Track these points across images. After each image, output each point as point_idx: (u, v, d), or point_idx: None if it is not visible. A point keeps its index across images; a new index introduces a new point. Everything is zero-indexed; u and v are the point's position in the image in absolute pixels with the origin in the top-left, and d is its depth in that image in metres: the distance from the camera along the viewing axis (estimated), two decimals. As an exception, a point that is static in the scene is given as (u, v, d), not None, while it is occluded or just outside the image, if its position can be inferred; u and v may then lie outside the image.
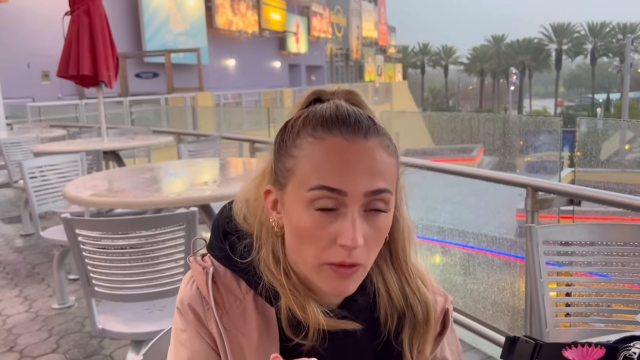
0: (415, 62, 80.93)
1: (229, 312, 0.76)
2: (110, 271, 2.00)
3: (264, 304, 0.76)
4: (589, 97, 74.61)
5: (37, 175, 3.51)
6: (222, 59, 24.58)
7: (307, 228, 0.70)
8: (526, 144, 6.88)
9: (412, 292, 0.80)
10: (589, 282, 1.61)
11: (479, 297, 3.21)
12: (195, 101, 14.17)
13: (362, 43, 45.61)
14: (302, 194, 0.69)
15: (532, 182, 2.37)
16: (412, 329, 0.80)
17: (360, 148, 0.69)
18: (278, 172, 0.73)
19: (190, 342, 0.77)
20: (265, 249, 0.75)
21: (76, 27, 4.61)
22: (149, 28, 18.75)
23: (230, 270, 0.78)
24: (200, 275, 0.77)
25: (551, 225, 1.56)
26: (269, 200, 0.75)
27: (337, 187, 0.68)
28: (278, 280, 0.74)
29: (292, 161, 0.71)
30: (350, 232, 0.68)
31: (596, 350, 0.70)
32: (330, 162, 0.68)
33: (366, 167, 0.69)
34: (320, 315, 0.73)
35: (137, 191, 2.82)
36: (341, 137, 0.69)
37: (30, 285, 3.95)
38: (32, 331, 3.19)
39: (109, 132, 5.87)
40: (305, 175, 0.69)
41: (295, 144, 0.71)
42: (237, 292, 0.77)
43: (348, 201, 0.68)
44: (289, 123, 0.74)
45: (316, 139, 0.70)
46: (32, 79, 14.45)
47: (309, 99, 0.76)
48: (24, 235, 5.23)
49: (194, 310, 0.76)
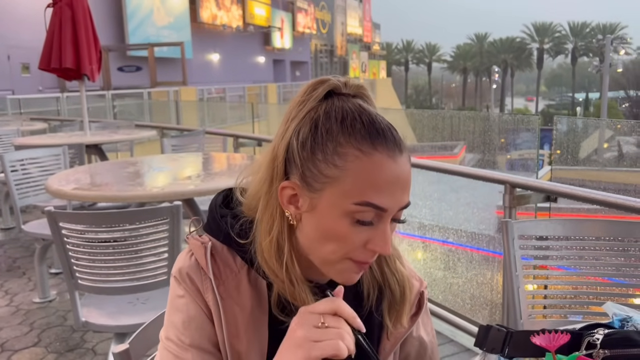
0: (399, 59, 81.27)
1: (225, 283, 0.80)
2: (94, 264, 2.01)
3: (257, 277, 0.81)
4: (569, 96, 75.63)
5: (19, 168, 3.48)
6: (206, 53, 24.42)
7: (342, 234, 0.74)
8: (507, 142, 6.98)
9: (390, 272, 0.86)
10: (563, 276, 1.67)
11: (458, 291, 3.27)
12: (178, 95, 14.08)
13: (346, 39, 45.63)
14: (345, 205, 0.72)
15: (510, 179, 2.43)
16: (389, 304, 0.87)
17: (400, 165, 0.74)
18: (309, 174, 0.74)
19: (187, 307, 0.80)
20: (268, 240, 0.77)
21: (58, 19, 4.57)
22: (132, 21, 18.55)
23: (227, 246, 0.82)
24: (199, 248, 0.81)
25: (527, 220, 1.62)
26: (285, 194, 0.76)
27: (383, 206, 0.72)
28: (274, 273, 0.77)
29: (335, 171, 0.72)
30: (383, 242, 0.74)
31: (562, 336, 0.75)
32: (378, 181, 0.72)
33: (403, 183, 0.74)
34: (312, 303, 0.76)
35: (120, 185, 2.82)
36: (385, 153, 0.73)
37: (10, 280, 3.92)
38: (12, 325, 3.17)
39: (91, 126, 5.82)
40: (352, 189, 0.72)
41: (338, 153, 0.73)
42: (233, 266, 0.81)
43: (385, 215, 0.74)
44: (320, 123, 0.75)
45: (363, 154, 0.72)
46: (12, 71, 14.21)
47: (324, 91, 0.77)
48: (4, 229, 5.17)
49: (191, 279, 0.80)
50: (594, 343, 0.79)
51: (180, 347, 0.79)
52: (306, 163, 0.74)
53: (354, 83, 0.79)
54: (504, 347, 0.91)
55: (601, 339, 0.79)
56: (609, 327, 0.85)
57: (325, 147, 0.73)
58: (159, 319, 1.02)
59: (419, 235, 3.63)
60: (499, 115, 16.03)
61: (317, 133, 0.74)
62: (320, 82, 0.78)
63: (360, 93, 0.79)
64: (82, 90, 4.86)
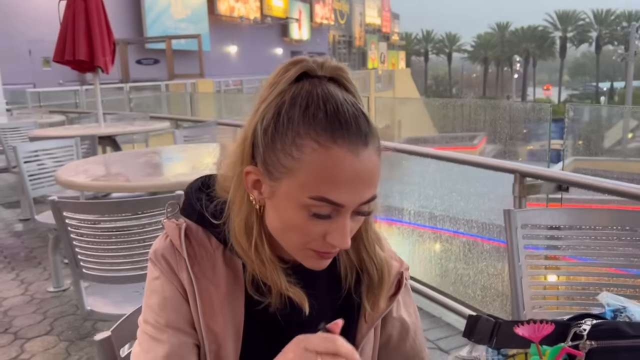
0: (419, 50, 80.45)
1: (200, 263, 0.79)
2: (98, 253, 2.02)
3: (232, 257, 0.80)
4: (593, 85, 74.20)
5: (32, 160, 3.53)
6: (224, 45, 24.49)
7: (298, 225, 0.73)
8: (529, 132, 6.87)
9: (368, 257, 0.85)
10: (568, 266, 1.63)
11: (469, 282, 3.23)
12: (195, 88, 14.15)
13: (365, 30, 45.34)
14: (300, 198, 0.71)
15: (520, 168, 2.38)
16: (367, 288, 0.86)
17: (362, 160, 0.70)
18: (269, 162, 0.72)
19: (162, 288, 0.80)
20: (238, 220, 0.77)
21: (72, 12, 4.61)
22: (150, 14, 18.68)
23: (202, 227, 0.82)
24: (174, 230, 0.81)
25: (530, 209, 1.58)
26: (250, 178, 0.75)
27: (339, 202, 0.70)
28: (245, 251, 0.77)
29: (292, 162, 0.70)
30: (341, 236, 0.73)
31: (546, 327, 0.72)
32: (335, 176, 0.69)
33: (365, 178, 0.71)
34: (283, 284, 0.77)
35: (128, 175, 2.84)
36: (346, 147, 0.69)
37: (27, 269, 3.99)
38: (27, 313, 3.23)
39: (106, 118, 5.88)
40: (308, 182, 0.70)
41: (296, 144, 0.70)
42: (208, 247, 0.81)
43: (343, 210, 0.72)
44: (283, 110, 0.72)
45: (321, 146, 0.69)
46: (33, 65, 14.44)
47: (297, 73, 0.74)
48: (22, 219, 5.26)
49: (166, 260, 0.80)
50: (581, 334, 0.76)
51: (156, 329, 0.79)
52: (267, 150, 0.72)
53: (332, 64, 0.75)
54: (491, 338, 0.88)
55: (588, 330, 0.76)
56: (599, 317, 0.81)
57: (285, 136, 0.71)
58: (138, 310, 1.01)
59: (430, 226, 3.59)
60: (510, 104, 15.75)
61: (279, 120, 0.71)
62: (293, 62, 0.75)
63: (338, 75, 0.75)
64: (96, 82, 4.90)
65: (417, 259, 3.67)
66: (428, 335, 2.80)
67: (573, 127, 3.41)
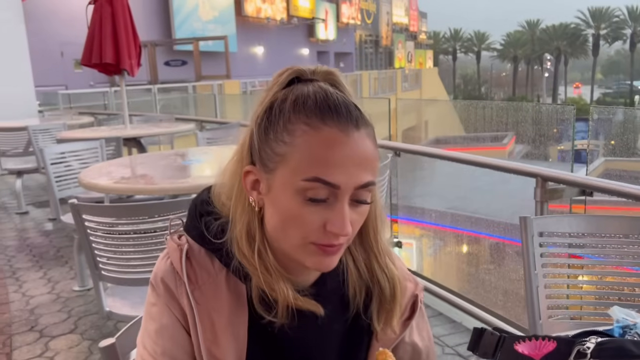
0: (447, 49, 79.58)
1: (202, 288, 0.77)
2: (117, 255, 2.06)
3: (236, 281, 0.78)
4: (627, 84, 72.25)
5: (59, 161, 3.61)
6: (251, 46, 24.65)
7: (296, 214, 0.71)
8: (560, 132, 6.76)
9: (380, 268, 0.82)
10: (586, 275, 1.58)
11: (490, 287, 3.18)
12: (222, 89, 14.28)
13: (392, 29, 45.07)
14: (295, 182, 0.70)
15: (542, 172, 2.33)
16: (379, 304, 0.83)
17: (353, 140, 0.71)
18: (264, 155, 0.73)
19: (160, 315, 0.78)
20: (240, 227, 0.76)
21: (99, 16, 4.71)
22: (178, 16, 18.92)
23: (205, 248, 0.79)
24: (175, 251, 0.79)
25: (547, 217, 1.54)
26: (248, 179, 0.76)
27: (332, 182, 0.69)
28: (248, 260, 0.76)
29: (284, 147, 0.71)
30: (340, 222, 0.71)
31: (547, 344, 0.70)
32: (327, 155, 0.69)
33: (358, 160, 0.71)
34: (290, 294, 0.75)
35: (150, 178, 2.87)
36: (336, 128, 0.70)
37: (54, 268, 4.08)
38: (52, 312, 3.30)
39: (133, 120, 5.99)
40: (300, 164, 0.70)
41: (288, 130, 0.71)
42: (210, 269, 0.78)
43: (339, 193, 0.70)
44: (275, 104, 0.74)
45: (311, 128, 0.70)
46: (65, 67, 14.77)
47: (289, 77, 0.76)
48: (51, 219, 5.39)
49: (165, 284, 0.78)
50: (584, 352, 0.74)
51: (152, 357, 0.78)
52: (262, 145, 0.74)
53: (323, 69, 0.78)
54: (495, 352, 0.86)
55: (592, 348, 0.74)
56: (605, 334, 0.79)
57: (276, 125, 0.72)
58: (149, 314, 1.02)
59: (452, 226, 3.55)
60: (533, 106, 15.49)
61: (272, 113, 0.74)
62: (286, 69, 0.77)
63: (330, 79, 0.77)
64: (122, 84, 4.99)
65: (437, 262, 3.63)
66: (447, 340, 2.77)
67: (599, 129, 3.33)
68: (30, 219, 5.55)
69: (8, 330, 3.07)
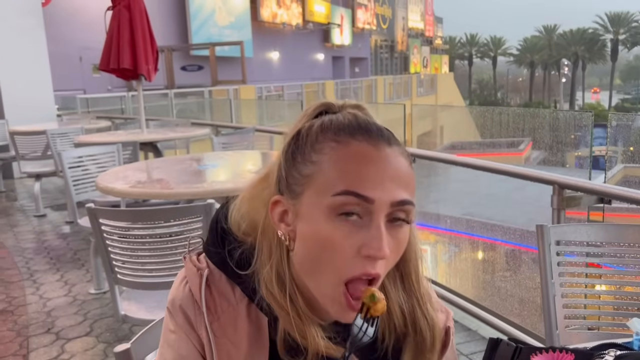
0: (463, 54, 79.27)
1: (220, 318, 0.73)
2: (132, 259, 2.07)
3: (257, 312, 0.74)
4: (647, 89, 71.27)
5: (76, 165, 3.66)
6: (266, 51, 24.77)
7: (329, 238, 0.66)
8: (577, 138, 6.69)
9: (422, 315, 0.77)
10: (604, 284, 1.56)
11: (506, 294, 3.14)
12: (238, 94, 14.36)
13: (407, 34, 44.99)
14: (324, 201, 0.66)
15: (559, 179, 2.30)
16: (415, 351, 0.77)
17: (385, 155, 0.67)
18: (291, 180, 0.70)
19: (178, 344, 0.75)
20: (268, 270, 0.71)
21: (117, 22, 4.76)
22: (195, 21, 19.08)
23: (226, 274, 0.75)
24: (194, 277, 0.75)
25: (564, 225, 1.52)
26: (276, 211, 0.71)
27: (365, 194, 0.64)
28: (280, 304, 0.71)
29: (311, 167, 0.68)
30: (377, 242, 0.65)
31: (565, 356, 0.69)
32: (358, 166, 0.65)
33: (393, 174, 0.66)
34: (322, 343, 0.70)
35: (165, 182, 2.90)
36: (366, 142, 0.67)
37: (71, 271, 4.13)
38: (69, 314, 3.34)
39: (150, 124, 6.04)
40: (329, 180, 0.66)
41: (315, 149, 0.68)
42: (231, 298, 0.74)
43: (374, 209, 0.65)
44: (302, 131, 0.71)
45: (340, 143, 0.67)
46: (84, 71, 14.96)
47: (317, 110, 0.74)
48: (68, 222, 5.45)
49: (184, 313, 0.74)
50: (603, 365, 0.72)
51: None
52: (289, 171, 0.70)
53: (351, 103, 0.75)
54: (511, 364, 0.85)
55: (610, 361, 0.72)
56: (625, 347, 0.77)
57: (304, 147, 0.70)
58: (162, 321, 1.03)
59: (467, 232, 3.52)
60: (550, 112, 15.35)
61: (299, 139, 0.71)
62: (315, 103, 0.75)
63: (358, 109, 0.75)
64: (139, 89, 5.04)
65: (452, 268, 3.60)
66: (462, 349, 2.74)
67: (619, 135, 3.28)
68: (48, 222, 5.63)
69: (25, 332, 3.11)
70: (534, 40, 76.73)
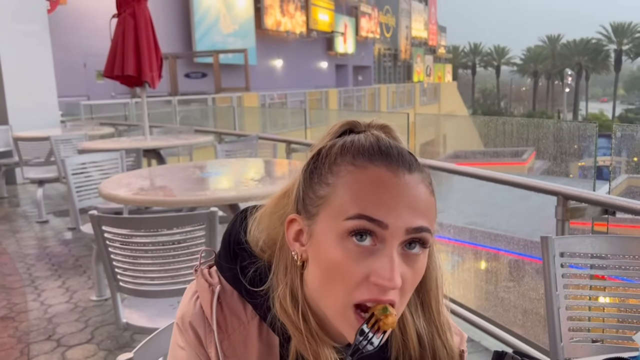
0: (466, 63, 79.44)
1: (231, 337, 0.72)
2: (134, 267, 2.07)
3: (268, 331, 0.73)
4: (650, 100, 71.24)
5: (80, 172, 3.66)
6: (270, 59, 24.87)
7: (339, 262, 0.64)
8: (581, 148, 6.68)
9: (442, 345, 0.76)
10: (608, 297, 1.55)
11: (510, 305, 3.13)
12: (241, 101, 14.40)
13: (411, 43, 45.13)
14: (338, 224, 0.65)
15: (563, 190, 2.29)
16: None
17: (404, 182, 0.65)
18: (307, 201, 0.69)
19: None
20: (282, 287, 0.71)
21: (122, 29, 4.79)
22: (199, 29, 19.17)
23: (238, 292, 0.74)
24: (206, 293, 0.73)
25: (569, 237, 1.51)
26: (292, 230, 0.70)
27: (379, 219, 0.63)
28: (294, 323, 0.70)
29: (327, 189, 0.67)
30: (388, 271, 0.63)
31: (571, 371, 0.68)
32: (373, 191, 0.64)
33: (410, 201, 0.64)
34: None
35: (168, 190, 2.90)
36: (384, 168, 0.65)
37: (72, 277, 4.12)
38: (70, 321, 3.33)
39: (153, 131, 6.05)
40: (344, 203, 0.65)
41: (332, 171, 0.67)
42: (242, 316, 0.73)
43: (388, 236, 0.64)
44: (323, 150, 0.70)
45: (357, 167, 0.66)
46: (88, 78, 15.04)
47: (342, 129, 0.73)
48: (70, 228, 5.45)
49: (194, 331, 0.73)
50: (609, 380, 0.71)
51: None
52: (306, 190, 0.69)
53: (378, 123, 0.73)
54: (516, 377, 0.84)
55: (617, 376, 0.71)
56: (631, 362, 0.76)
57: (322, 168, 0.68)
58: (166, 330, 1.02)
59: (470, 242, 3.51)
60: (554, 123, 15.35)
61: (318, 159, 0.70)
62: (341, 121, 0.74)
63: (384, 131, 0.73)
64: (143, 96, 5.06)
65: (455, 278, 3.58)
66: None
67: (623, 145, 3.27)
68: (50, 228, 5.63)
69: (26, 338, 3.10)
70: (537, 50, 76.90)
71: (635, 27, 68.37)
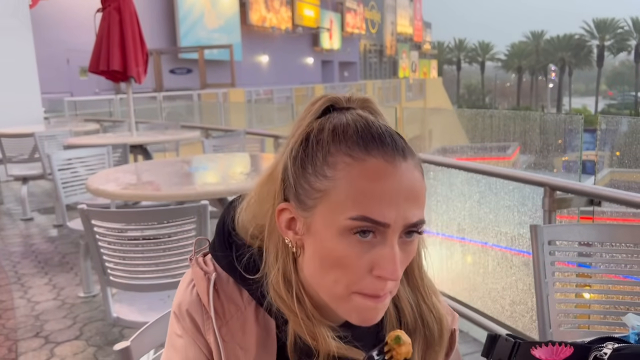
0: (451, 59, 79.83)
1: (229, 323, 0.73)
2: (125, 261, 2.06)
3: (265, 315, 0.73)
4: (632, 95, 72.27)
5: (66, 168, 3.62)
6: (255, 55, 24.78)
7: (342, 256, 0.65)
8: (565, 143, 6.75)
9: (428, 309, 0.78)
10: (596, 284, 1.57)
11: (497, 296, 3.16)
12: (227, 97, 14.34)
13: (396, 39, 45.26)
14: (339, 220, 0.65)
15: (550, 181, 2.32)
16: (425, 346, 0.78)
17: (401, 171, 0.65)
18: (301, 191, 0.68)
19: (185, 349, 0.74)
20: (275, 273, 0.71)
21: (107, 23, 4.74)
22: (184, 24, 19.05)
23: (234, 279, 0.74)
24: (202, 280, 0.74)
25: (557, 225, 1.54)
26: (283, 218, 0.70)
27: (382, 221, 0.64)
28: (289, 307, 0.71)
29: (325, 182, 0.66)
30: (391, 265, 0.64)
31: (564, 349, 0.70)
32: (374, 190, 0.64)
33: (408, 193, 0.65)
34: (333, 344, 0.70)
35: (157, 184, 2.88)
36: (382, 158, 0.65)
37: (59, 274, 4.09)
38: (57, 318, 3.30)
39: (139, 127, 6.00)
40: (345, 200, 0.64)
41: (328, 163, 0.66)
42: (239, 302, 0.73)
43: (389, 232, 0.65)
44: (312, 135, 0.69)
45: (354, 160, 0.65)
46: (71, 74, 14.87)
47: (323, 106, 0.71)
48: (56, 225, 5.40)
49: (192, 318, 0.73)
50: (601, 358, 0.73)
51: None
52: (298, 179, 0.68)
53: (359, 97, 0.73)
54: (510, 358, 0.85)
55: (609, 354, 0.73)
56: (622, 341, 0.78)
57: (315, 158, 0.67)
58: (162, 318, 1.02)
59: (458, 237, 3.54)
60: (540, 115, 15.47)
61: (308, 145, 0.68)
62: (320, 97, 0.73)
63: (366, 106, 0.73)
64: (129, 92, 5.02)
65: (445, 271, 3.62)
66: (454, 350, 2.75)
67: (607, 139, 3.32)
68: (35, 225, 5.57)
69: (14, 336, 3.07)
70: (521, 46, 77.48)
71: (617, 23, 69.22)
